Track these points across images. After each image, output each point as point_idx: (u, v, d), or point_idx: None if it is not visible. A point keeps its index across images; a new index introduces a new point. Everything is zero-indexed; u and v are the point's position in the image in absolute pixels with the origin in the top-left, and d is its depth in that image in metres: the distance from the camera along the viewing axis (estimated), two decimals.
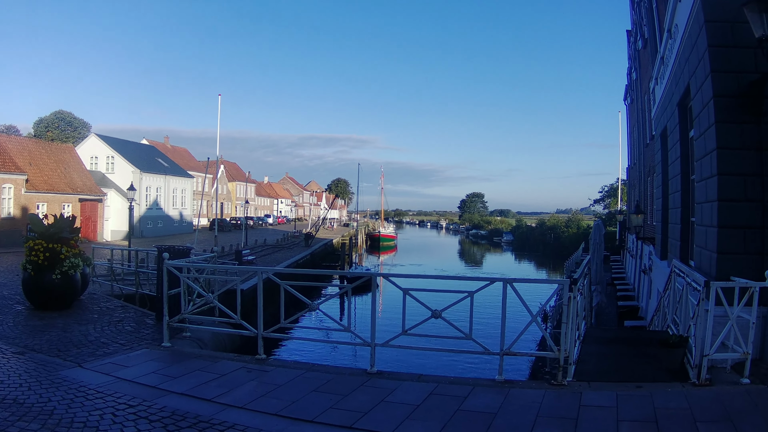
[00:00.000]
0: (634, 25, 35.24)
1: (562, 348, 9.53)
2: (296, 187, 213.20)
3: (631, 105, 44.77)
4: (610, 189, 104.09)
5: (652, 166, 28.61)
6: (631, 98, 43.10)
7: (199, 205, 64.68)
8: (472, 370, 24.61)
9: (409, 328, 10.69)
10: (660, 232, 21.21)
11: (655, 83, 21.81)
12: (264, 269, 12.37)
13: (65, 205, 60.99)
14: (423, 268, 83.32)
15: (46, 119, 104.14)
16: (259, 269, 12.42)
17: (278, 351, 28.96)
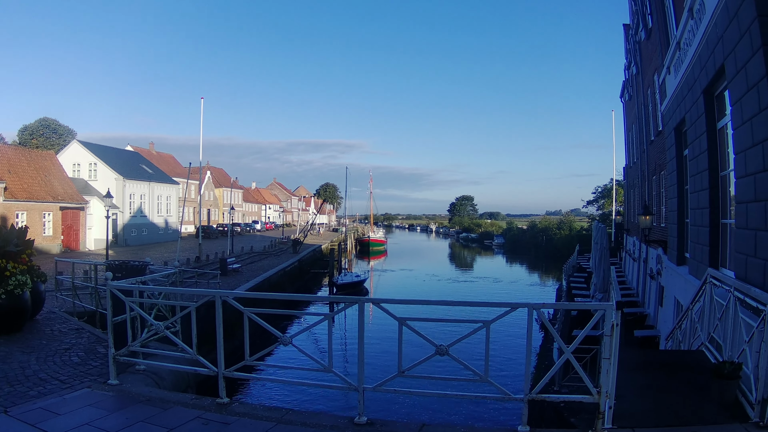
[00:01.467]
0: (633, 17, 33.49)
1: (603, 390, 7.47)
2: (284, 192, 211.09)
3: (629, 102, 42.98)
4: (603, 190, 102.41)
5: (658, 164, 26.83)
6: (629, 94, 41.32)
7: (182, 211, 62.67)
8: (486, 415, 22.62)
9: (406, 368, 8.53)
10: (675, 235, 19.31)
11: (667, 73, 19.94)
12: (223, 293, 10.03)
13: (46, 214, 59.18)
14: (414, 273, 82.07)
15: (31, 126, 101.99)
16: (216, 293, 10.04)
17: (247, 390, 26.53)
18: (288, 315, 34.17)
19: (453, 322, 9.70)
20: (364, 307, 8.76)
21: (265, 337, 9.94)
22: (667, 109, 20.07)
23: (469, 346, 8.98)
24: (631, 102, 41.20)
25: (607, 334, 7.42)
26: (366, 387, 8.55)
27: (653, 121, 28.72)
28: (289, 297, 10.52)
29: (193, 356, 9.93)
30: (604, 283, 22.02)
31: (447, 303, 10.38)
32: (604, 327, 7.58)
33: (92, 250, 65.21)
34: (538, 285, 76.80)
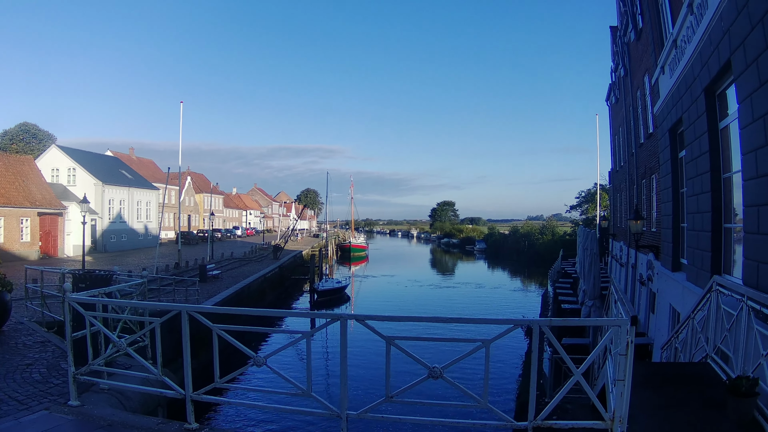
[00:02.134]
0: (621, 18, 32.82)
1: (616, 415, 6.67)
2: (265, 198, 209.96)
3: (615, 105, 42.35)
4: (587, 194, 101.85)
5: (649, 167, 26.19)
6: (616, 97, 40.69)
7: (160, 217, 61.73)
8: None
9: (395, 392, 7.63)
10: (670, 240, 18.61)
11: (661, 73, 19.27)
12: (189, 307, 9.12)
13: (23, 219, 58.21)
14: (396, 279, 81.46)
15: (11, 131, 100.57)
16: (182, 308, 9.13)
17: (219, 413, 24.73)
18: (263, 332, 33.04)
19: (447, 341, 8.84)
20: (347, 324, 7.84)
21: (239, 355, 9.04)
22: (661, 110, 19.39)
23: (464, 366, 8.16)
24: (617, 105, 40.56)
25: (621, 353, 6.57)
26: (350, 413, 7.65)
27: (643, 123, 28.09)
28: (264, 312, 9.36)
29: (158, 377, 9.00)
30: (594, 289, 21.36)
31: (440, 320, 8.52)
32: (618, 344, 6.74)
33: (71, 257, 64.21)
34: (521, 291, 76.24)
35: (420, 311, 53.67)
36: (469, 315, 51.85)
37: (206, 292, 39.83)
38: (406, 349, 7.53)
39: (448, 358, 7.50)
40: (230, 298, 39.89)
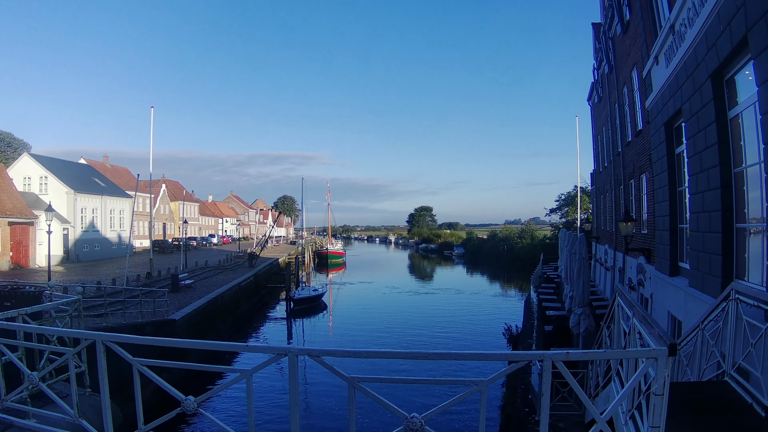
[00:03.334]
0: (606, 12, 31.61)
1: None
2: (242, 205, 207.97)
3: (598, 104, 41.15)
4: (567, 197, 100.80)
5: (638, 166, 24.92)
6: (599, 96, 39.50)
7: (131, 225, 60.04)
8: None
9: None
10: (667, 242, 17.26)
11: (654, 63, 17.92)
12: (105, 337, 7.17)
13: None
14: (374, 286, 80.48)
15: None
16: (98, 336, 7.15)
17: None
18: (207, 370, 31.39)
19: (428, 383, 7.24)
20: (297, 361, 6.11)
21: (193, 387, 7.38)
22: (655, 103, 18.05)
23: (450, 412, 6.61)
24: (600, 104, 39.37)
25: (657, 393, 5.07)
26: None
27: (631, 120, 26.84)
28: (200, 345, 6.65)
29: (74, 419, 7.32)
30: (583, 296, 20.04)
31: (422, 356, 6.21)
32: (654, 378, 5.26)
33: (43, 267, 62.25)
34: (501, 296, 75.30)
35: (398, 321, 52.35)
36: (449, 323, 51.62)
37: (177, 303, 38.38)
38: (376, 393, 5.76)
39: (431, 401, 5.91)
40: (201, 309, 38.46)
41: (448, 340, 43.80)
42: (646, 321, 6.97)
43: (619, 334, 10.04)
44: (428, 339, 43.92)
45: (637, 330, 7.82)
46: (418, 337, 44.91)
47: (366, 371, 5.79)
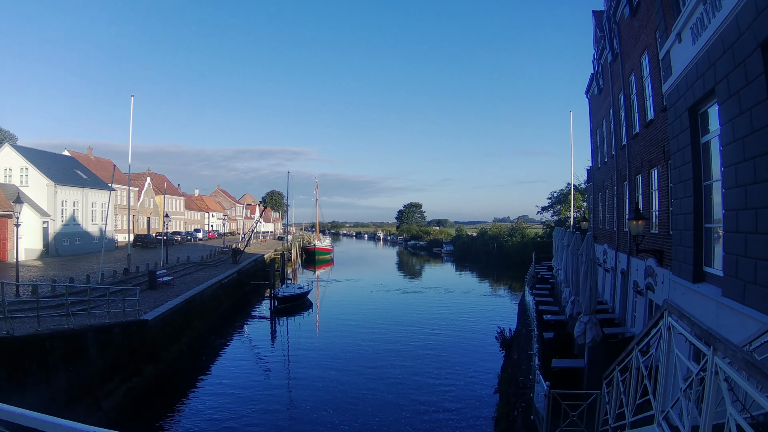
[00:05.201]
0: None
1: None
2: (229, 200, 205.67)
3: (597, 96, 39.14)
4: (559, 195, 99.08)
5: (648, 160, 22.93)
6: (599, 87, 37.50)
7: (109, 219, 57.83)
8: None
9: None
10: (690, 244, 15.20)
11: (676, 41, 15.89)
12: None
13: None
14: (362, 284, 79.33)
15: None
16: None
17: None
18: None
19: None
20: None
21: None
22: (676, 86, 16.00)
23: None
24: (600, 96, 37.40)
25: None
26: None
27: (639, 110, 24.87)
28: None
29: None
30: (590, 303, 18.06)
31: None
32: None
33: (21, 261, 60.30)
34: (492, 295, 73.73)
35: (386, 321, 50.72)
36: (439, 325, 49.87)
37: (152, 301, 36.50)
38: None
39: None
40: (179, 308, 36.59)
41: (438, 343, 41.97)
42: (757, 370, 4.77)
43: (669, 371, 7.98)
44: (417, 341, 42.14)
45: (724, 377, 5.67)
46: (407, 338, 43.18)
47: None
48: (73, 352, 22.13)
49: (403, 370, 34.26)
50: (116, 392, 24.86)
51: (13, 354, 18.20)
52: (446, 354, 38.61)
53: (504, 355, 34.88)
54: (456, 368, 34.83)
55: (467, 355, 38.39)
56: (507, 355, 33.98)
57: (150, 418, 25.56)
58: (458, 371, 34.15)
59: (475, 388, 30.98)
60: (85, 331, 23.50)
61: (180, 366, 32.87)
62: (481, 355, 38.38)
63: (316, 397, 29.11)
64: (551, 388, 14.01)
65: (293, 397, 29.54)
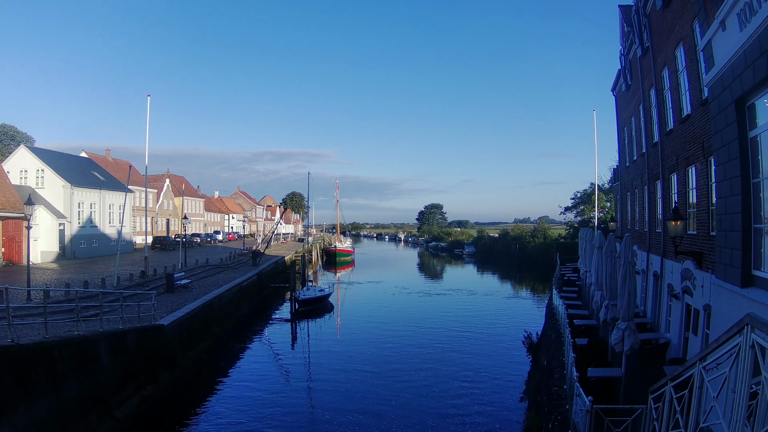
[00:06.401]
0: None
1: None
2: (249, 201, 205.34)
3: (625, 93, 37.96)
4: (583, 195, 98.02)
5: (684, 157, 21.86)
6: (627, 84, 36.34)
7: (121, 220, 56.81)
8: None
9: None
10: (738, 245, 14.14)
11: (719, 29, 14.85)
12: None
13: None
14: (383, 286, 78.67)
15: None
16: None
17: None
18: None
19: None
20: None
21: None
22: (720, 77, 14.96)
23: None
24: (629, 93, 36.26)
25: None
26: None
27: (673, 106, 23.82)
28: None
29: None
30: (629, 309, 17.03)
31: None
32: None
33: (37, 264, 59.92)
34: (515, 298, 72.61)
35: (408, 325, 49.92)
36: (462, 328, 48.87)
37: (170, 305, 35.72)
38: None
39: None
40: (196, 312, 35.67)
41: (461, 346, 40.99)
42: None
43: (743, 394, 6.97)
44: (440, 344, 41.23)
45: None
46: (430, 341, 42.30)
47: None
48: (84, 360, 21.33)
49: (426, 374, 33.47)
50: (130, 400, 24.05)
51: (19, 363, 17.41)
52: (470, 357, 37.65)
53: (531, 360, 33.90)
54: (480, 372, 33.91)
55: (492, 359, 37.43)
56: (534, 359, 33.00)
57: (166, 426, 24.89)
58: (483, 375, 33.24)
59: (501, 394, 30.04)
60: (97, 338, 22.68)
61: (197, 372, 32.06)
62: (506, 358, 37.44)
63: (337, 401, 28.39)
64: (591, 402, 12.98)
65: (314, 402, 28.73)
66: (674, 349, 22.08)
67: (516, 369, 34.26)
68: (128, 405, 23.75)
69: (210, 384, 31.04)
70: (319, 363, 36.96)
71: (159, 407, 25.82)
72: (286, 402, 28.76)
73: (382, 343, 42.05)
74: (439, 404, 28.20)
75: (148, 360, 26.87)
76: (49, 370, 18.99)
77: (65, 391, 19.70)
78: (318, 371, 34.97)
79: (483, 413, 27.00)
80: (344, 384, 31.52)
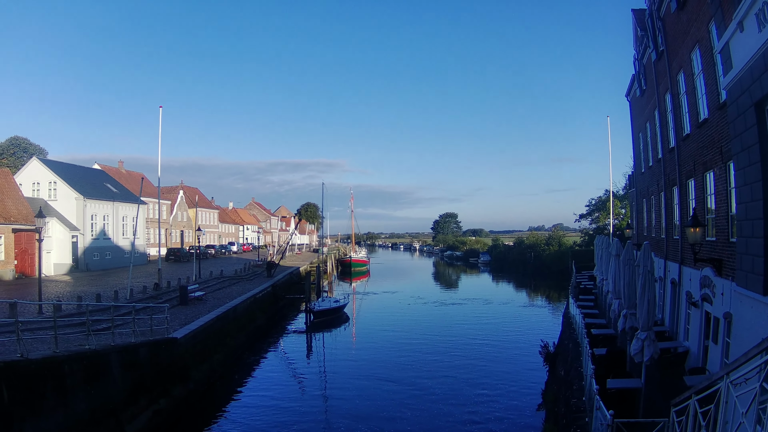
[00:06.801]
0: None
1: None
2: (263, 212, 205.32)
3: (640, 98, 37.61)
4: (597, 202, 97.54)
5: (702, 162, 21.46)
6: (641, 89, 35.97)
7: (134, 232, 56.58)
8: None
9: None
10: (761, 252, 13.73)
11: (737, 30, 14.51)
12: None
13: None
14: (398, 296, 78.25)
15: (1, 145, 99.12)
16: None
17: None
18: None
19: None
20: None
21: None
22: (739, 80, 14.59)
23: None
24: (644, 97, 35.89)
25: None
26: None
27: (689, 110, 23.45)
28: None
29: None
30: (648, 318, 16.66)
31: None
32: None
33: (50, 276, 59.95)
34: (530, 306, 72.13)
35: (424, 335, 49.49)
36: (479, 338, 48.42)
37: (183, 317, 35.45)
38: None
39: None
40: (210, 325, 35.30)
41: (477, 355, 40.59)
42: None
43: None
44: (456, 354, 40.81)
45: None
46: (446, 351, 41.90)
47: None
48: (94, 374, 21.06)
49: (442, 381, 33.22)
50: (142, 415, 23.72)
51: (27, 378, 17.16)
52: (486, 367, 37.26)
53: (548, 370, 33.51)
54: (496, 382, 33.53)
55: (508, 368, 37.02)
56: (551, 369, 32.60)
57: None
58: (499, 385, 32.87)
59: (517, 403, 29.62)
60: (108, 352, 22.40)
61: (211, 384, 31.75)
62: (522, 367, 37.03)
63: (354, 413, 28.05)
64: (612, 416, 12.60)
65: (330, 414, 28.39)
66: (693, 357, 21.68)
67: (532, 377, 33.87)
68: (140, 419, 23.44)
69: (224, 396, 30.76)
70: (335, 372, 36.68)
71: (171, 421, 25.50)
72: (301, 410, 28.63)
73: (399, 353, 41.74)
74: (455, 411, 28.00)
75: (160, 373, 26.56)
76: (58, 384, 18.74)
77: (74, 405, 19.45)
78: (334, 380, 34.72)
79: (500, 420, 26.72)
80: (361, 391, 31.38)
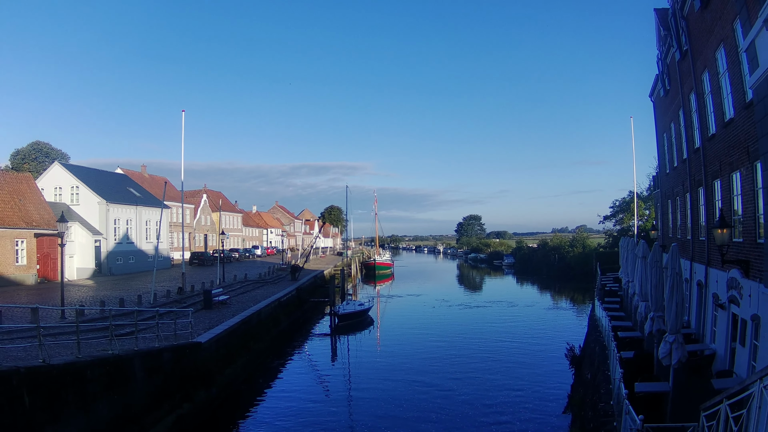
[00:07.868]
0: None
1: None
2: (287, 216, 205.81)
3: (664, 98, 37.25)
4: (621, 203, 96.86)
5: (728, 162, 21.13)
6: (665, 89, 35.65)
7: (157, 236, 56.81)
8: None
9: None
10: None
11: (763, 29, 14.28)
12: None
13: (18, 241, 54.72)
14: (423, 299, 78.23)
15: (23, 151, 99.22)
16: None
17: None
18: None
19: None
20: None
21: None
22: (765, 78, 14.38)
23: None
24: (667, 98, 35.56)
25: None
26: None
27: (715, 110, 23.12)
28: None
29: None
30: (676, 321, 16.46)
31: None
32: None
33: (73, 280, 60.24)
34: (556, 309, 71.85)
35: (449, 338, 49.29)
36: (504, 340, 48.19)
37: (208, 322, 35.43)
38: None
39: None
40: (235, 329, 35.25)
41: (503, 359, 40.38)
42: None
43: None
44: (482, 357, 40.62)
45: None
46: (471, 354, 41.72)
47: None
48: (117, 379, 21.03)
49: (467, 386, 33.07)
50: (165, 419, 23.72)
51: (48, 384, 17.14)
52: (511, 369, 37.10)
53: (573, 373, 33.32)
54: (522, 384, 33.38)
55: (533, 371, 36.81)
56: (577, 372, 32.41)
57: None
58: (524, 387, 32.73)
59: (543, 406, 29.47)
60: (131, 357, 22.39)
61: (235, 389, 31.74)
62: (547, 370, 36.84)
63: (379, 413, 28.11)
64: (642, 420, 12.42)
65: (355, 418, 28.32)
66: (720, 360, 21.39)
67: (558, 380, 33.70)
68: (163, 424, 23.43)
69: (248, 400, 30.77)
70: (360, 375, 36.65)
71: (195, 426, 25.50)
72: (326, 412, 28.71)
73: (424, 355, 41.73)
74: (481, 413, 28.04)
75: (184, 378, 26.54)
76: (80, 390, 18.72)
77: (97, 411, 19.44)
78: (359, 383, 34.69)
79: (526, 421, 26.64)
80: (386, 393, 31.51)
